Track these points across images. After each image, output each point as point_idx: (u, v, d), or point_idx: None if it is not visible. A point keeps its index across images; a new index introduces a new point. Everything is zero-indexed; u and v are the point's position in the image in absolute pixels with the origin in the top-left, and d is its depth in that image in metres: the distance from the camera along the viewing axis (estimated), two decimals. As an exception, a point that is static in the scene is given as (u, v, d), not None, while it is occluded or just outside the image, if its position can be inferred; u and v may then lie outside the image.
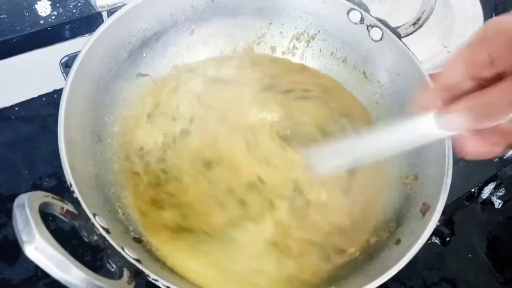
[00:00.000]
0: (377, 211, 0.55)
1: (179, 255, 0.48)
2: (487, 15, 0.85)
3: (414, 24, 0.57)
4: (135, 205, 0.51)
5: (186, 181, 0.54)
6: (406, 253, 0.43)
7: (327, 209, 0.54)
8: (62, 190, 0.58)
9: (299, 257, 0.51)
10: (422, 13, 0.57)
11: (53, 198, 0.38)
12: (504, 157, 0.72)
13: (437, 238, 0.67)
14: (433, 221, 0.45)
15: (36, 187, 0.64)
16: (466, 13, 0.86)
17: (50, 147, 0.67)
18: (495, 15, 0.91)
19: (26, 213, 0.33)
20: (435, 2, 0.57)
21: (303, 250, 0.51)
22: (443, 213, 0.46)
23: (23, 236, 0.32)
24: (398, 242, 0.47)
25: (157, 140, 0.56)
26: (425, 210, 0.48)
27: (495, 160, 0.73)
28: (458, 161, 0.71)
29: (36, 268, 0.57)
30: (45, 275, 0.56)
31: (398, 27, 0.58)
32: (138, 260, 0.39)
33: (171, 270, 0.45)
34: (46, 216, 0.35)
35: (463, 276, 0.69)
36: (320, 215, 0.54)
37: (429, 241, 0.67)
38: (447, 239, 0.66)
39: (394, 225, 0.51)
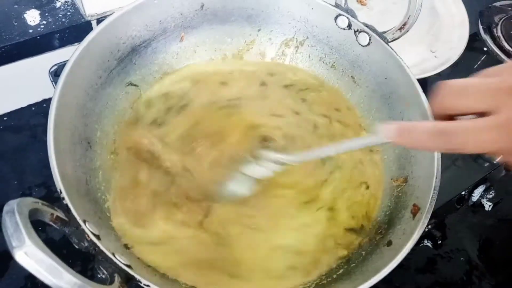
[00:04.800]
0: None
1: None
2: (472, 22, 0.88)
3: (400, 29, 0.58)
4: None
5: None
6: (397, 254, 0.43)
7: None
8: (51, 200, 0.57)
9: None
10: (408, 18, 0.58)
11: (42, 204, 0.38)
12: (494, 162, 0.73)
13: (429, 241, 0.67)
14: (424, 221, 0.46)
15: (25, 197, 0.63)
16: (452, 20, 0.88)
17: (39, 157, 0.66)
18: (480, 22, 0.93)
19: (15, 219, 0.32)
20: (421, 8, 0.58)
21: None
22: (435, 216, 0.46)
23: (12, 242, 0.32)
24: (389, 243, 0.48)
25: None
26: (416, 212, 0.48)
27: (486, 165, 0.74)
28: (449, 166, 0.72)
29: (26, 279, 0.57)
30: (35, 287, 0.56)
31: (385, 32, 0.59)
32: (129, 266, 0.39)
33: (163, 276, 0.45)
34: (36, 227, 0.34)
35: (455, 279, 0.69)
36: None
37: (422, 245, 0.67)
38: (439, 241, 0.66)
39: (385, 227, 0.51)
